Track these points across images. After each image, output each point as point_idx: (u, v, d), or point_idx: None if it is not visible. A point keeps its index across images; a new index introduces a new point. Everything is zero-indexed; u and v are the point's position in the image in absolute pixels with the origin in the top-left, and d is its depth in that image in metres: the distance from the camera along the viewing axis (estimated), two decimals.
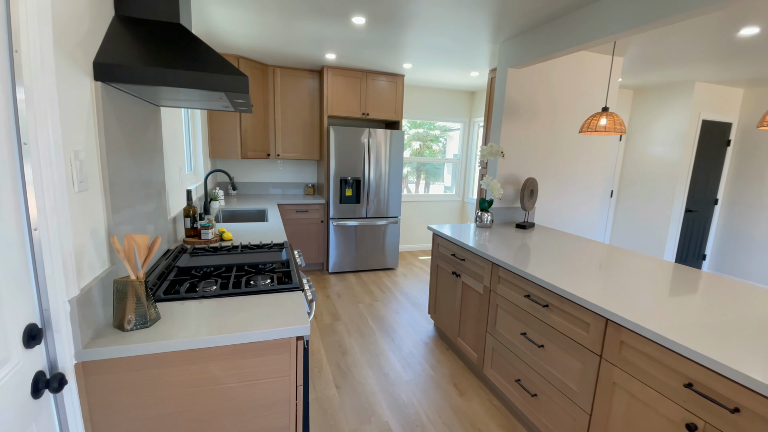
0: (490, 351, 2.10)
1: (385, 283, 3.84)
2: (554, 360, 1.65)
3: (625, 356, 1.32)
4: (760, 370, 0.99)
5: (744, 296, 1.53)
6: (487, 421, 1.92)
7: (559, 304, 1.60)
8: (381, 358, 2.46)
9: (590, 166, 3.22)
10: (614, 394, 1.37)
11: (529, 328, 1.80)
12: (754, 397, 0.97)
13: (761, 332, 1.22)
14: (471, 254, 2.26)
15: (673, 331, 1.21)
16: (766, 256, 4.02)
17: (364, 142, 3.87)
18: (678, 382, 1.16)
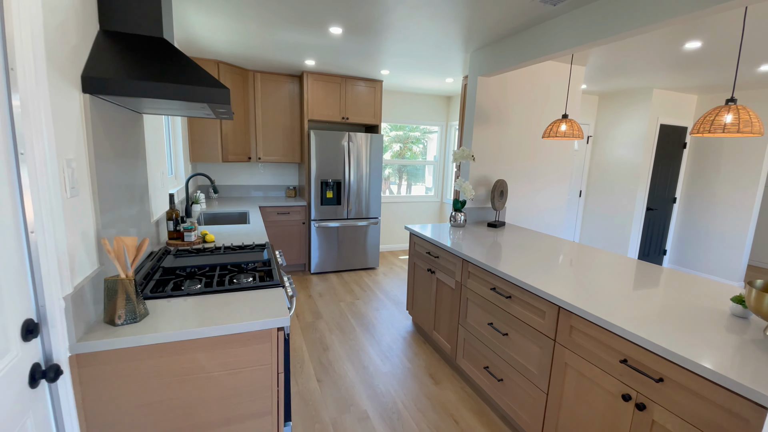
0: (462, 342, 2.24)
1: (366, 282, 3.95)
2: (517, 346, 1.80)
3: (574, 339, 1.48)
4: (680, 346, 1.16)
5: (683, 286, 1.72)
6: (459, 407, 2.06)
7: (520, 295, 1.76)
8: (361, 352, 2.57)
9: (556, 168, 3.43)
10: (566, 374, 1.53)
11: (495, 318, 1.95)
12: (674, 368, 1.14)
13: (689, 316, 1.40)
14: (444, 252, 2.40)
15: (612, 315, 1.37)
16: (719, 248, 4.34)
17: (344, 146, 3.98)
18: (615, 358, 1.32)
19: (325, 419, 1.93)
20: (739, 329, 1.28)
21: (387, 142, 5.18)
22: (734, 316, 1.39)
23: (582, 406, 1.46)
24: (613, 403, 1.33)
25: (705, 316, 1.37)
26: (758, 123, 1.60)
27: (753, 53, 2.79)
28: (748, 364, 1.06)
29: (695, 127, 1.70)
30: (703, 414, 1.07)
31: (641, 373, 1.21)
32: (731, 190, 4.24)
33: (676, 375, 1.13)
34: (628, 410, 1.28)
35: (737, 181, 4.19)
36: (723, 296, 1.59)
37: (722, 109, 1.63)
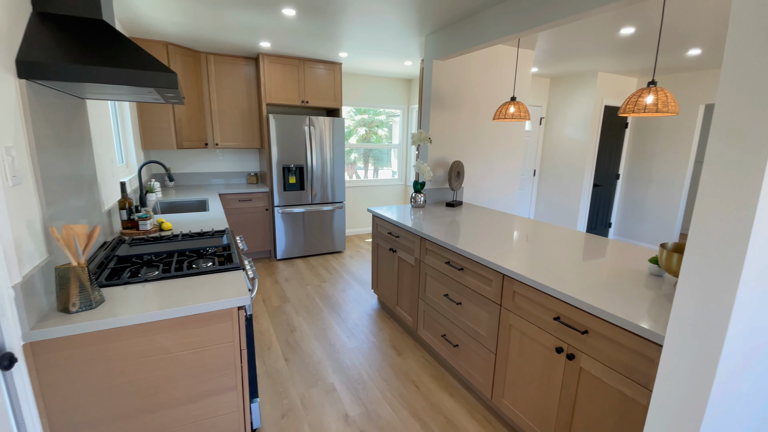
0: (422, 314, 2.38)
1: (333, 266, 4.02)
2: (469, 313, 1.95)
3: (517, 303, 1.64)
4: (601, 302, 1.33)
5: (616, 253, 1.92)
6: (420, 374, 2.20)
7: (470, 266, 1.90)
8: (328, 331, 2.66)
9: (509, 149, 3.61)
10: (510, 334, 1.69)
11: (450, 289, 2.09)
12: (596, 321, 1.30)
13: (615, 277, 1.58)
14: (404, 231, 2.51)
15: (547, 278, 1.53)
16: (656, 219, 4.77)
17: (305, 130, 3.96)
18: (550, 316, 1.48)
19: (293, 394, 2.01)
20: (655, 286, 1.47)
21: (352, 125, 5.18)
22: (652, 275, 1.59)
23: (524, 361, 1.63)
24: (549, 355, 1.50)
25: (629, 277, 1.56)
26: (674, 104, 1.79)
27: (680, 38, 3.04)
28: (659, 313, 1.24)
29: (622, 107, 1.87)
30: (619, 358, 1.24)
31: (570, 327, 1.38)
32: (666, 166, 4.63)
33: (597, 326, 1.30)
34: (560, 361, 1.45)
35: (671, 158, 4.58)
36: (644, 261, 1.80)
37: (644, 91, 1.80)
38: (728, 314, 0.83)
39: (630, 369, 1.21)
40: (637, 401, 1.20)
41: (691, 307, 0.90)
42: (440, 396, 2.02)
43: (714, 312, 0.86)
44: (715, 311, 0.85)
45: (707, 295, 0.87)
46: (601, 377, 1.30)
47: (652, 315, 1.21)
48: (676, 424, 0.94)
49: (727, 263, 0.83)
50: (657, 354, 1.12)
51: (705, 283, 0.87)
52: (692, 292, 0.90)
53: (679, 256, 1.36)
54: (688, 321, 0.90)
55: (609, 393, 1.28)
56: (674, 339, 0.94)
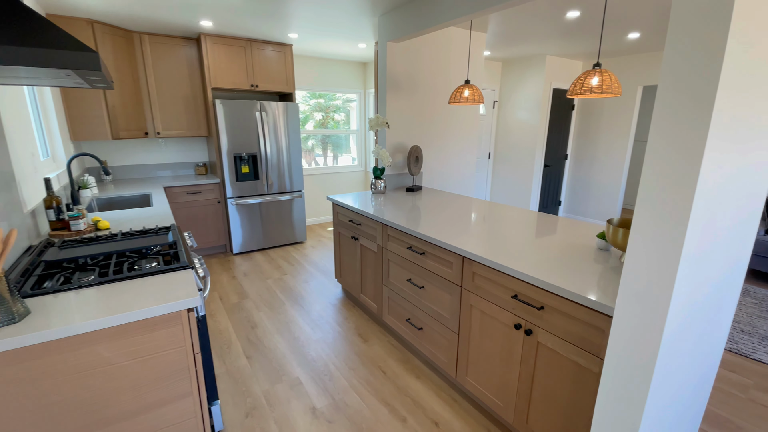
0: (386, 300, 2.38)
1: (294, 257, 3.91)
2: (432, 296, 1.97)
3: (476, 283, 1.67)
4: (555, 278, 1.38)
5: (566, 230, 2.01)
6: (386, 359, 2.22)
7: (432, 250, 1.91)
8: (291, 324, 2.60)
9: (465, 132, 3.66)
10: (472, 314, 1.73)
11: (412, 274, 2.10)
12: (550, 296, 1.35)
13: (566, 253, 1.65)
14: (365, 218, 2.47)
15: (505, 258, 1.57)
16: (601, 196, 5.09)
17: (256, 116, 3.76)
18: (508, 295, 1.53)
19: (257, 392, 1.94)
20: (602, 260, 1.56)
21: (308, 111, 5.00)
22: (600, 249, 1.69)
23: (486, 339, 1.68)
24: (509, 333, 1.55)
25: (579, 252, 1.64)
26: (617, 85, 1.87)
27: (621, 22, 3.19)
28: (608, 285, 1.31)
29: (570, 89, 1.94)
30: (573, 330, 1.31)
31: (527, 304, 1.43)
32: (609, 146, 4.93)
33: (552, 301, 1.35)
34: (519, 337, 1.51)
35: (613, 138, 4.88)
36: (592, 236, 1.90)
37: (590, 73, 1.87)
38: (671, 284, 0.88)
39: (583, 340, 1.27)
40: (590, 370, 1.27)
41: (638, 279, 0.95)
42: (407, 379, 2.05)
43: (658, 282, 0.91)
44: (659, 282, 0.91)
45: (652, 268, 0.92)
46: (557, 350, 1.36)
47: (601, 288, 1.28)
48: (628, 387, 1.00)
49: (671, 236, 0.88)
50: (607, 324, 1.19)
51: (650, 255, 0.92)
52: (638, 265, 0.94)
53: (624, 231, 1.44)
54: (635, 292, 0.95)
55: (564, 364, 1.35)
56: (623, 309, 0.99)
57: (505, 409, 1.63)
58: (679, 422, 1.28)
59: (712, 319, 1.21)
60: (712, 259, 1.01)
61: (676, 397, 1.17)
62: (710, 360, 1.34)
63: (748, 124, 0.93)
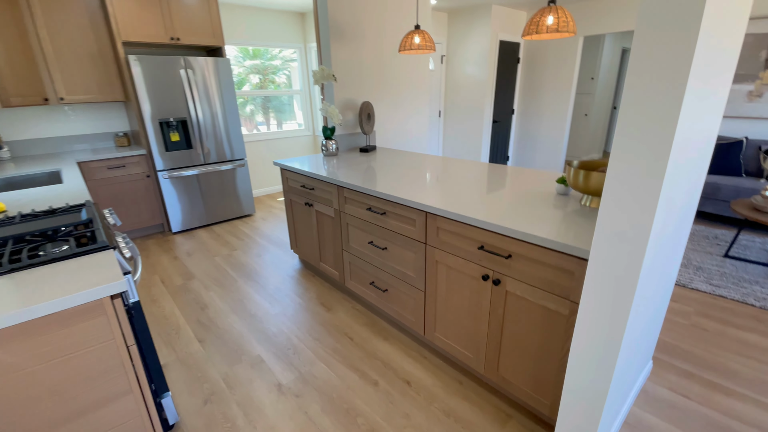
0: (348, 265, 2.27)
1: (243, 231, 3.64)
2: (395, 257, 1.89)
3: (441, 239, 1.61)
4: (521, 225, 1.34)
5: (522, 179, 1.99)
6: (352, 325, 2.14)
7: (393, 209, 1.80)
8: (246, 301, 2.42)
9: (416, 87, 3.50)
10: (437, 270, 1.68)
11: (374, 236, 1.99)
12: (518, 244, 1.32)
13: (526, 201, 1.62)
14: (319, 182, 2.29)
15: (469, 210, 1.50)
16: (545, 149, 5.27)
17: (181, 74, 3.30)
18: (474, 246, 1.48)
19: (214, 376, 1.79)
20: (562, 205, 1.54)
21: (243, 73, 4.52)
22: (559, 194, 1.68)
23: (453, 294, 1.64)
24: (476, 284, 1.52)
25: (538, 199, 1.61)
26: (572, 23, 1.80)
27: None
28: (571, 229, 1.28)
29: (525, 29, 1.84)
30: (541, 276, 1.29)
31: (495, 254, 1.38)
32: (552, 99, 5.05)
33: (520, 249, 1.31)
34: (487, 287, 1.48)
35: (556, 92, 4.99)
36: (550, 183, 1.89)
37: (545, 10, 1.78)
38: (650, 222, 0.85)
39: (552, 284, 1.26)
40: (559, 313, 1.27)
41: (616, 219, 0.91)
42: (375, 342, 2.00)
43: (639, 221, 0.87)
44: (639, 220, 0.87)
45: (633, 207, 0.87)
46: (526, 296, 1.34)
47: (568, 231, 1.26)
48: (605, 324, 0.99)
49: (652, 173, 0.83)
50: (577, 266, 1.17)
51: (632, 194, 0.87)
52: (618, 205, 0.90)
53: (586, 173, 1.42)
54: (615, 232, 0.91)
55: (533, 310, 1.34)
56: (600, 249, 0.95)
57: (475, 360, 1.63)
58: (639, 353, 1.34)
59: (670, 255, 1.24)
60: (677, 198, 1.01)
61: (642, 331, 1.21)
62: (666, 293, 1.40)
63: (721, 54, 0.88)
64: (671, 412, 1.52)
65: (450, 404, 1.61)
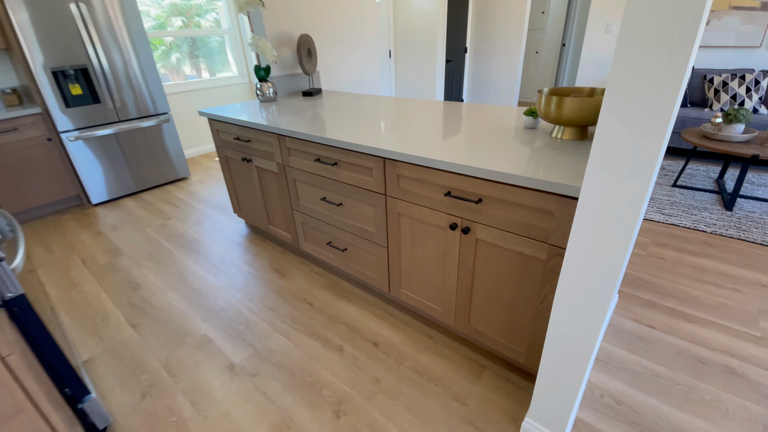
0: (301, 226, 2.04)
1: (178, 197, 3.23)
2: (352, 213, 1.68)
3: (402, 188, 1.41)
4: (490, 164, 1.16)
5: (483, 116, 1.80)
6: (311, 289, 1.96)
7: (345, 158, 1.56)
8: (187, 275, 2.13)
9: (362, 22, 3.10)
10: (400, 223, 1.50)
11: (326, 191, 1.76)
12: (489, 185, 1.15)
13: (492, 138, 1.44)
14: (256, 132, 1.96)
15: (432, 152, 1.30)
16: (499, 89, 5.12)
17: (71, 10, 2.64)
18: (440, 193, 1.30)
19: (153, 365, 1.55)
20: (531, 139, 1.38)
21: (162, 15, 3.78)
22: (527, 128, 1.51)
23: (419, 247, 1.48)
24: (444, 235, 1.36)
25: (504, 135, 1.44)
26: None
27: None
28: (546, 164, 1.13)
29: None
30: (515, 219, 1.14)
31: (463, 199, 1.21)
32: (505, 36, 4.80)
33: (491, 191, 1.15)
34: (456, 237, 1.32)
35: (509, 28, 4.73)
36: (513, 118, 1.72)
37: None
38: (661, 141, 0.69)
39: (528, 228, 1.12)
40: (536, 258, 1.14)
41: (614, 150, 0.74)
42: (337, 305, 1.84)
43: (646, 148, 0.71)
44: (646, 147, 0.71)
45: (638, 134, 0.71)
46: (499, 243, 1.21)
47: (542, 167, 1.10)
48: (598, 266, 0.86)
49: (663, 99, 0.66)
50: (557, 205, 1.03)
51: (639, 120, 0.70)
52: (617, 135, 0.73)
53: (558, 99, 1.25)
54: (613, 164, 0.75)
55: (507, 257, 1.22)
56: (596, 180, 0.80)
57: (445, 314, 1.52)
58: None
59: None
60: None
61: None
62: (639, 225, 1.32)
63: None
64: (639, 343, 1.53)
65: (421, 362, 1.51)
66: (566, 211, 1.02)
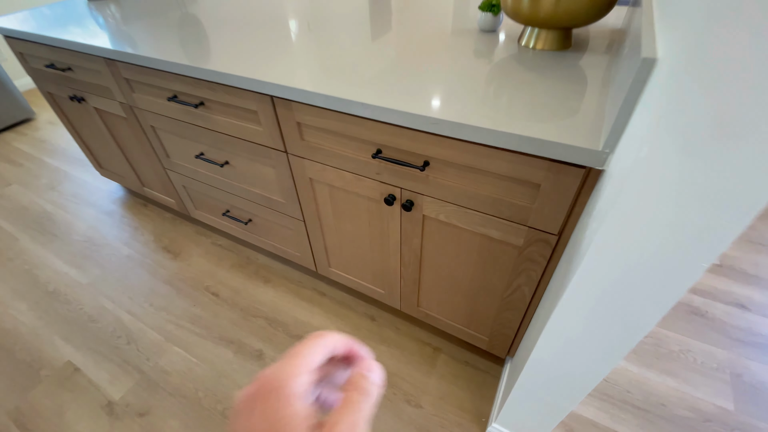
0: (183, 190, 1.49)
1: (20, 150, 2.35)
2: (246, 176, 1.18)
3: (309, 143, 0.92)
4: (441, 104, 0.71)
5: (412, 18, 1.25)
6: (215, 272, 1.51)
7: (214, 95, 0.99)
8: (37, 271, 1.55)
9: None
10: (315, 191, 1.05)
11: (200, 144, 1.20)
12: (439, 142, 0.72)
13: (432, 54, 0.95)
14: (72, 55, 1.24)
15: (342, 84, 0.80)
16: None
17: None
18: (366, 153, 0.84)
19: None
20: (489, 49, 0.93)
21: None
22: (483, 32, 1.04)
23: (346, 222, 1.07)
24: (377, 209, 0.95)
25: (450, 49, 0.96)
26: None
27: None
28: (517, 97, 0.71)
29: None
30: (480, 192, 0.75)
31: (401, 163, 0.78)
32: None
33: (442, 150, 0.73)
34: (394, 214, 0.92)
35: None
36: (462, 17, 1.21)
37: None
38: None
39: (498, 204, 0.74)
40: (508, 243, 0.80)
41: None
42: (252, 291, 1.44)
43: None
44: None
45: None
46: (455, 223, 0.83)
47: (518, 104, 0.68)
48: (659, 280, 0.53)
49: None
50: (546, 174, 0.65)
51: None
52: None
53: None
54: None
55: (467, 240, 0.86)
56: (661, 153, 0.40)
57: (388, 296, 1.20)
58: None
59: None
60: None
61: None
62: None
63: None
64: None
65: None
66: (562, 183, 0.64)
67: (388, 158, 0.79)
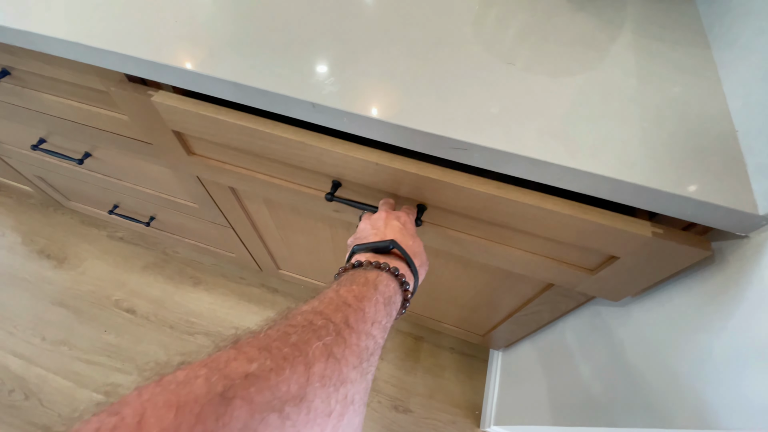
0: (40, 180, 1.02)
1: None
2: (127, 173, 0.78)
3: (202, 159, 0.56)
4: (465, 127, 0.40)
5: None
6: (123, 278, 1.16)
7: (25, 66, 0.54)
8: None
9: None
10: (244, 203, 0.71)
11: (35, 130, 0.74)
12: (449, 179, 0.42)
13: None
14: None
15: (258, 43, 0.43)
16: None
17: None
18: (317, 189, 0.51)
19: None
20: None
21: None
22: None
23: (296, 235, 0.77)
24: (345, 229, 0.66)
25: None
26: None
27: None
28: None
29: None
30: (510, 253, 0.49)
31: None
32: None
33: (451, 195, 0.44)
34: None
35: None
36: None
37: None
38: None
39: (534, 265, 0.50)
40: (535, 280, 0.58)
41: None
42: (180, 298, 1.13)
43: None
44: None
45: None
46: (460, 253, 0.58)
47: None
48: None
49: None
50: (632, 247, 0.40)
51: None
52: None
53: None
54: None
55: (476, 267, 0.63)
56: None
57: None
58: None
59: None
60: None
61: None
62: None
63: None
64: None
65: None
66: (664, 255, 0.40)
67: (349, 201, 0.48)
